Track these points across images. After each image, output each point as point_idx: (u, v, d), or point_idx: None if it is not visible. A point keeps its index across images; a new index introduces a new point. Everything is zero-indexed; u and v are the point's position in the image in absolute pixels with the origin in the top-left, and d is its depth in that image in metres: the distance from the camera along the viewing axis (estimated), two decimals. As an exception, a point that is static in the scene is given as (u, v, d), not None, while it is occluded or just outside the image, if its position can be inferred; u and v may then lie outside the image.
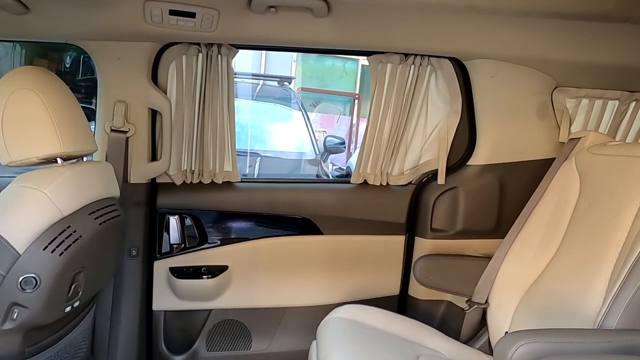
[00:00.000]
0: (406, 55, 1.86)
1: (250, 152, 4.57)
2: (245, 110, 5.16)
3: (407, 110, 1.94)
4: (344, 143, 5.18)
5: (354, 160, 2.11)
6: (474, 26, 1.65)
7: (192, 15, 1.56)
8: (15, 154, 1.31)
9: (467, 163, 1.97)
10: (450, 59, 1.88)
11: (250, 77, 6.03)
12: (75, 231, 1.30)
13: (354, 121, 9.70)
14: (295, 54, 9.87)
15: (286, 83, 6.04)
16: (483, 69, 1.85)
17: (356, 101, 10.03)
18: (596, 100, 1.98)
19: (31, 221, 1.22)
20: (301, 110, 5.45)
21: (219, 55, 1.81)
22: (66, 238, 1.27)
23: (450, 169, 2.00)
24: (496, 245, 1.79)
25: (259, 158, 4.50)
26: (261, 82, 6.04)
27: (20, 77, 1.36)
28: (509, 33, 1.68)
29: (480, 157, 1.95)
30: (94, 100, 1.86)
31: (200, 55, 1.80)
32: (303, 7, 1.54)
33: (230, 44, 1.80)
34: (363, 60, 10.76)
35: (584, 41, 1.72)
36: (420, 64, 1.87)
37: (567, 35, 1.69)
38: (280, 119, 5.54)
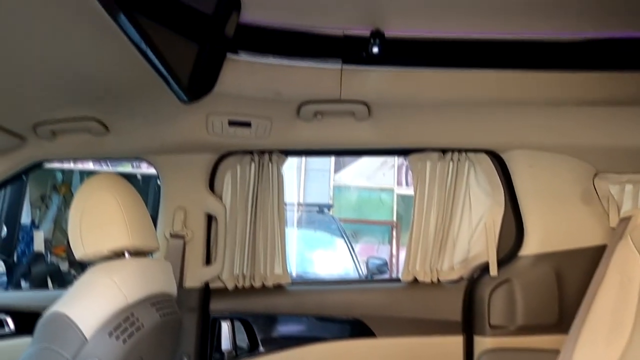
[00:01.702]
0: (444, 151, 1.98)
1: (294, 276, 4.59)
2: (287, 237, 5.29)
3: (450, 205, 1.99)
4: (386, 264, 5.16)
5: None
6: (507, 118, 1.77)
7: (248, 124, 1.75)
8: (89, 247, 1.42)
9: (519, 254, 1.94)
10: (486, 152, 1.98)
11: (291, 206, 6.28)
12: (138, 319, 1.33)
13: (394, 250, 9.66)
14: (331, 186, 10.28)
15: (325, 210, 6.23)
16: (520, 160, 1.92)
17: (394, 230, 10.09)
18: (640, 185, 1.99)
19: (100, 307, 1.28)
20: (342, 234, 5.54)
21: (270, 163, 1.97)
22: (129, 325, 1.30)
23: (502, 261, 1.97)
24: (563, 340, 1.68)
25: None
26: (301, 210, 6.26)
27: (99, 181, 1.53)
28: (540, 122, 1.79)
29: (531, 246, 1.93)
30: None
31: (253, 164, 1.97)
32: (346, 111, 1.72)
33: (280, 151, 1.97)
34: (398, 189, 11.07)
35: (617, 126, 1.79)
36: (459, 160, 1.97)
37: (599, 121, 1.77)
38: (322, 244, 5.63)
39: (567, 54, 1.62)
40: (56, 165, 5.74)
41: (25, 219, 5.67)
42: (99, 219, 1.44)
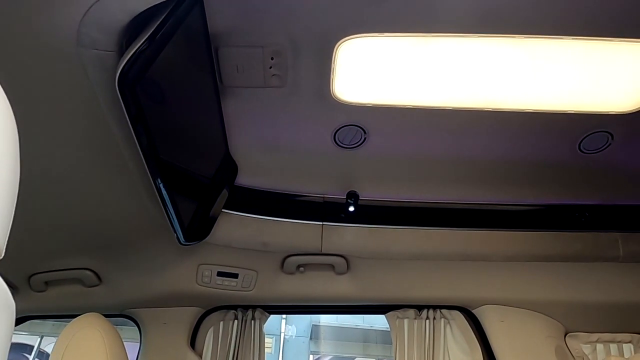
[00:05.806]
0: (419, 309, 2.06)
1: None
2: None
3: (431, 365, 1.99)
4: None
5: None
6: (473, 274, 1.93)
7: (235, 275, 1.88)
8: None
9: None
10: (459, 308, 2.07)
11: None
12: None
13: None
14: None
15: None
16: (491, 315, 2.01)
17: None
18: (611, 344, 2.05)
19: None
20: None
21: (253, 320, 2.02)
22: None
23: None
24: None
25: None
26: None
27: (87, 320, 1.56)
28: (503, 278, 1.94)
29: (515, 408, 1.88)
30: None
31: (236, 321, 2.01)
32: (326, 264, 1.88)
33: (263, 307, 2.04)
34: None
35: (574, 282, 1.95)
36: (434, 317, 2.05)
37: (556, 276, 1.94)
38: None
39: (514, 217, 1.88)
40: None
41: None
42: (82, 354, 1.43)
